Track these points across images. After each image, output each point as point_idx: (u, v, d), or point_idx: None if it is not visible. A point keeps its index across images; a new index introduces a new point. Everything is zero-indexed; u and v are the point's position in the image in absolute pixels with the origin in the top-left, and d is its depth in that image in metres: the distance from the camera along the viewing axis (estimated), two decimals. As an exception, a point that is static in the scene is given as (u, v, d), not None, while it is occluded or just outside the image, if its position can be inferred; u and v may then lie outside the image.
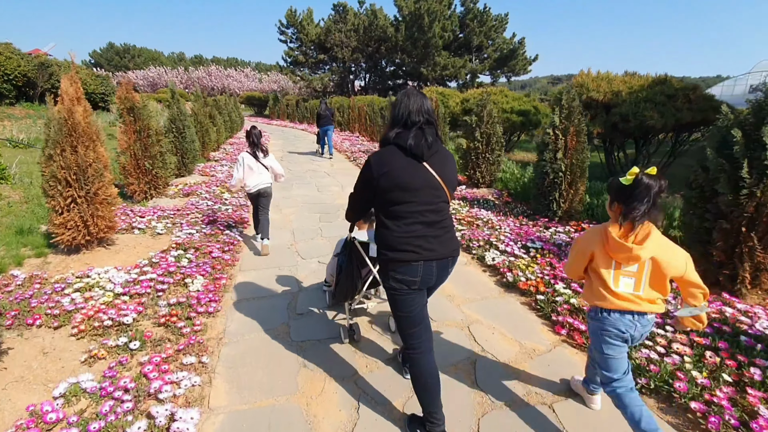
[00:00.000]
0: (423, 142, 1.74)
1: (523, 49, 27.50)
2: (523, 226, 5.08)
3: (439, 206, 1.81)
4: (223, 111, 13.77)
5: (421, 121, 1.77)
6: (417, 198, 1.75)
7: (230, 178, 5.60)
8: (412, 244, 1.76)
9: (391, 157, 1.76)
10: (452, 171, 1.86)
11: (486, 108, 7.01)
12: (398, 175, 1.72)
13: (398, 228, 1.77)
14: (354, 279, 2.52)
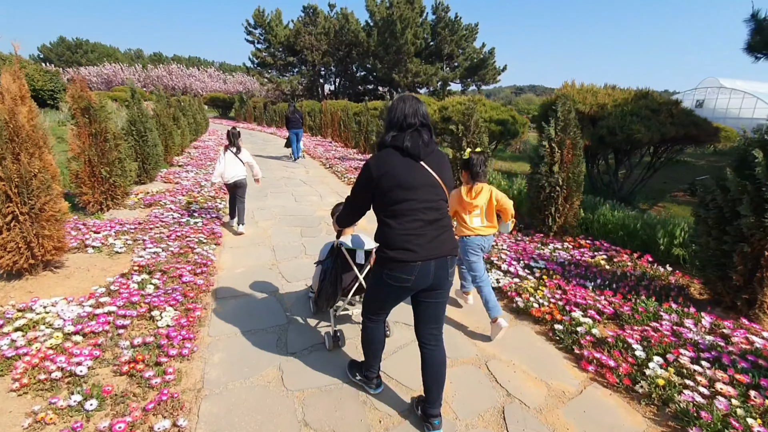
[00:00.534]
0: (420, 142, 1.83)
1: (494, 59, 28.08)
2: (520, 242, 4.87)
3: (438, 204, 1.87)
4: (188, 112, 12.93)
5: (417, 124, 1.85)
6: (417, 196, 1.81)
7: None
8: (412, 243, 1.80)
9: (389, 158, 1.83)
10: (448, 170, 1.95)
11: (473, 117, 6.81)
12: (397, 174, 1.79)
13: (399, 225, 1.81)
14: (337, 287, 2.55)
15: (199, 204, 6.15)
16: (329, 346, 2.71)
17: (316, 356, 2.68)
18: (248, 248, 4.65)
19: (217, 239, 4.78)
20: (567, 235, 5.10)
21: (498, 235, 5.02)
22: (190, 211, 5.75)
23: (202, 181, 7.82)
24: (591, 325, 2.93)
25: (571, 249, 4.60)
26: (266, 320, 3.10)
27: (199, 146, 13.63)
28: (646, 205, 7.59)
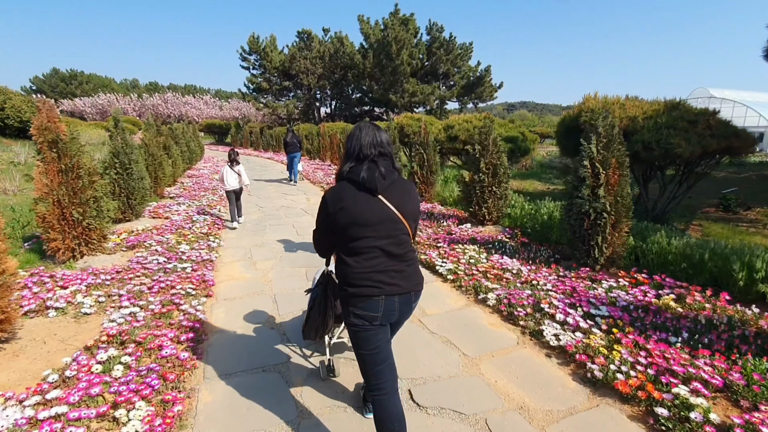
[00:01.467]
0: (376, 175, 1.72)
1: (490, 77, 28.01)
2: (565, 278, 4.15)
3: (399, 239, 1.77)
4: (181, 140, 12.34)
5: (374, 154, 1.76)
6: (375, 232, 1.72)
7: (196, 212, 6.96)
8: (373, 279, 1.72)
9: (345, 192, 1.74)
10: (412, 202, 1.83)
11: (490, 135, 6.21)
12: (353, 210, 1.71)
13: (357, 264, 1.73)
14: (326, 315, 2.39)
15: (187, 243, 5.43)
16: (323, 376, 2.64)
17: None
18: (246, 299, 3.91)
19: (208, 289, 4.04)
20: (614, 266, 4.40)
21: (536, 270, 4.35)
22: (178, 253, 5.03)
23: (194, 215, 7.12)
24: (706, 408, 2.19)
25: (628, 287, 3.89)
26: (271, 415, 2.34)
27: (193, 175, 13.00)
28: (682, 224, 6.92)
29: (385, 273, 1.74)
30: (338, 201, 1.73)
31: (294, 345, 3.09)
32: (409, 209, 1.79)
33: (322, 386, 2.57)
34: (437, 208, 7.89)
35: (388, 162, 1.80)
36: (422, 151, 8.23)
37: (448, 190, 8.62)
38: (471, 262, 4.64)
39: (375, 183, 1.71)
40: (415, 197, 1.86)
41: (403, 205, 1.77)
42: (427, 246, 5.39)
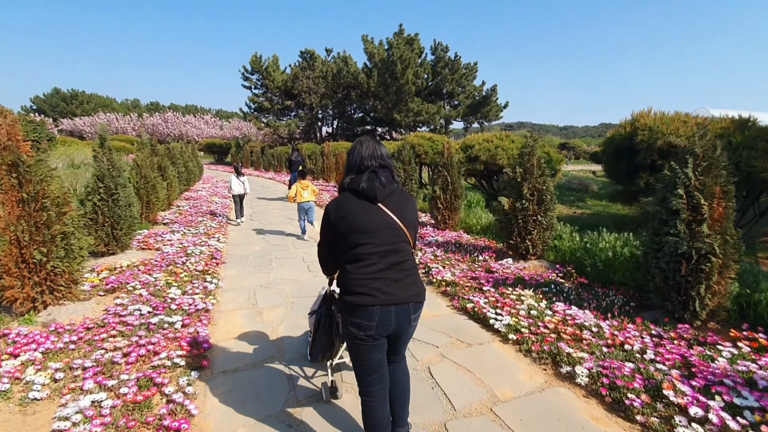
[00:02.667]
0: (376, 184, 1.78)
1: (496, 96, 27.60)
2: (661, 339, 3.23)
3: (399, 246, 1.80)
4: (178, 160, 11.54)
5: (374, 166, 1.83)
6: (374, 239, 1.75)
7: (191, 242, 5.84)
8: (369, 287, 1.74)
9: (346, 201, 1.80)
10: (411, 211, 1.88)
11: (534, 156, 5.38)
12: (354, 218, 1.75)
13: (356, 270, 1.76)
14: (332, 335, 2.38)
15: (179, 286, 4.49)
16: (326, 398, 2.55)
17: None
18: (250, 372, 2.96)
19: (201, 356, 3.09)
20: (714, 319, 3.49)
21: (620, 326, 3.41)
22: (167, 300, 4.09)
23: (189, 246, 6.21)
24: None
25: (753, 354, 2.96)
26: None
27: (190, 197, 12.13)
28: (750, 257, 6.03)
29: (382, 281, 1.75)
30: (339, 210, 1.78)
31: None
32: (408, 218, 1.84)
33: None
34: (464, 237, 7.00)
35: (387, 173, 1.86)
36: (445, 173, 7.41)
37: (474, 216, 7.75)
38: (532, 313, 3.72)
39: (375, 191, 1.77)
40: (414, 207, 1.91)
41: (403, 213, 1.82)
42: (469, 289, 4.48)
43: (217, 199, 11.93)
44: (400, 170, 9.49)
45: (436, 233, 7.20)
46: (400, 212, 1.81)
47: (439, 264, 5.35)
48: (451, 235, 7.11)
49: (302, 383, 2.80)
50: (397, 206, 1.82)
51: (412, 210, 1.88)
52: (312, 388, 2.73)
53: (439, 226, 7.58)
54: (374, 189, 1.77)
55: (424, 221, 8.37)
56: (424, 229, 7.52)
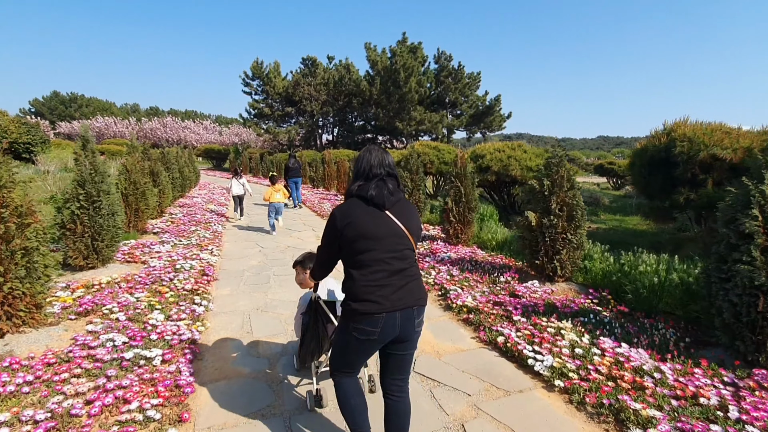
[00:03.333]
0: (384, 192, 1.82)
1: (500, 106, 27.32)
2: (739, 390, 2.67)
3: (404, 253, 1.83)
4: (172, 166, 10.99)
5: (382, 174, 1.87)
6: (380, 246, 1.78)
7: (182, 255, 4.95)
8: (376, 294, 1.75)
9: (354, 208, 1.82)
10: (415, 220, 1.93)
11: (562, 167, 4.87)
12: (361, 224, 1.77)
13: (362, 277, 1.78)
14: (320, 338, 2.41)
15: (163, 309, 3.92)
16: (310, 407, 2.50)
17: None
18: (242, 430, 2.38)
19: (183, 405, 2.51)
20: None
21: (685, 371, 2.83)
22: (147, 327, 3.51)
23: (179, 260, 5.64)
24: None
25: None
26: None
27: (185, 204, 11.56)
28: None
29: (388, 288, 1.77)
30: (347, 216, 1.80)
31: None
32: (413, 226, 1.90)
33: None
34: (478, 253, 6.45)
35: (394, 182, 1.90)
36: (458, 183, 6.88)
37: (488, 231, 7.22)
38: (577, 352, 3.16)
39: (383, 199, 1.82)
40: (417, 215, 1.96)
41: (408, 221, 1.88)
42: (496, 317, 3.92)
43: (213, 207, 11.37)
44: (407, 180, 8.98)
45: (448, 249, 6.65)
46: (406, 220, 1.86)
47: (457, 286, 4.80)
48: (465, 251, 6.57)
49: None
50: (403, 214, 1.87)
51: (416, 218, 1.95)
52: None
53: (451, 241, 7.03)
54: (383, 197, 1.82)
55: (432, 234, 7.83)
56: (435, 243, 6.98)
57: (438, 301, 4.59)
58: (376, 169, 1.86)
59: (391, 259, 1.79)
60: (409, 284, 1.83)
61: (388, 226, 1.81)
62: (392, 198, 1.84)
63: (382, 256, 1.78)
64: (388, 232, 1.80)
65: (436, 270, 5.46)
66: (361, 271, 1.78)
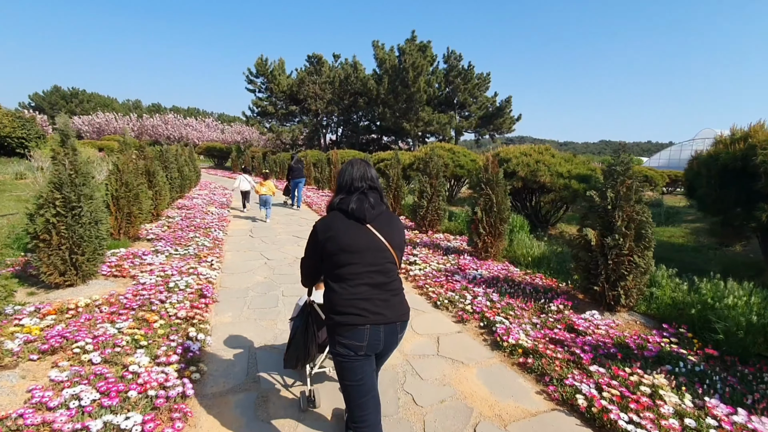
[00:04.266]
0: (366, 205, 1.83)
1: (510, 108, 26.55)
2: None
3: (385, 267, 1.82)
4: (171, 165, 10.24)
5: (364, 187, 1.89)
6: (362, 259, 1.77)
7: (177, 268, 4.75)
8: (358, 307, 1.74)
9: (335, 221, 1.83)
10: (398, 233, 1.91)
11: (628, 177, 4.11)
12: (342, 237, 1.78)
13: (343, 290, 1.76)
14: (308, 344, 2.37)
15: (149, 346, 3.16)
16: (303, 407, 2.53)
17: None
18: None
19: None
20: None
21: None
22: (128, 366, 2.76)
23: (174, 275, 4.89)
24: None
25: None
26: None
27: (183, 206, 10.81)
28: None
29: (370, 301, 1.75)
30: (328, 229, 1.81)
31: None
32: (395, 239, 1.88)
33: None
34: (513, 271, 5.70)
35: (376, 195, 1.91)
36: (489, 191, 6.13)
37: (521, 245, 6.45)
38: (689, 425, 2.40)
39: (364, 212, 1.81)
40: (401, 229, 1.95)
41: (390, 234, 1.85)
42: (561, 363, 3.15)
43: (214, 209, 10.61)
44: (426, 185, 8.23)
45: (477, 264, 5.89)
46: (388, 234, 1.85)
47: (501, 315, 4.04)
48: (496, 267, 5.81)
49: None
50: (384, 228, 1.85)
51: (399, 231, 1.93)
52: None
53: (479, 255, 6.28)
54: (363, 210, 1.81)
55: (456, 246, 7.08)
56: (461, 258, 6.22)
57: (482, 336, 3.83)
58: (357, 183, 1.88)
59: (373, 273, 1.78)
60: (392, 299, 1.81)
61: (369, 240, 1.80)
62: (373, 211, 1.84)
63: (363, 270, 1.77)
64: (369, 245, 1.80)
65: (471, 293, 4.70)
66: (341, 285, 1.77)
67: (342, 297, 1.75)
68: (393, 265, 1.86)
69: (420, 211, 8.20)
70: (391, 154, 17.10)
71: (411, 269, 5.65)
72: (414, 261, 6.01)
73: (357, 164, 1.94)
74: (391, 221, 1.91)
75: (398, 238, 1.89)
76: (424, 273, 5.50)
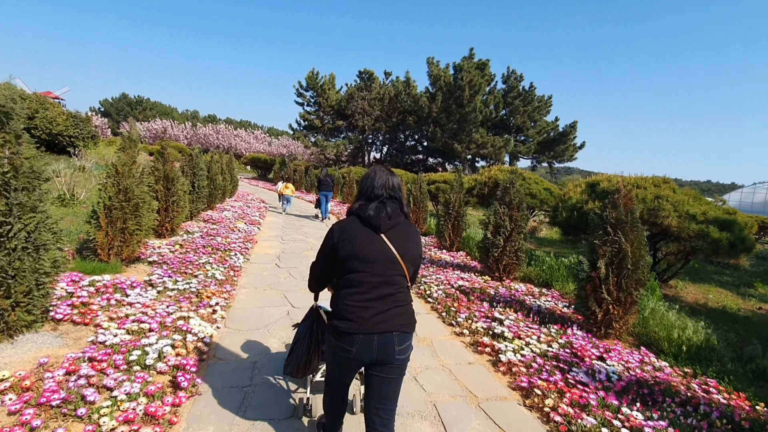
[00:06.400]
0: (383, 214, 1.81)
1: (575, 134, 24.08)
2: None
3: (393, 279, 1.81)
4: (200, 172, 8.98)
5: (384, 196, 1.87)
6: (370, 268, 1.77)
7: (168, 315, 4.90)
8: (356, 315, 1.76)
9: (350, 226, 1.83)
10: (412, 246, 1.88)
11: None
12: (355, 243, 1.78)
13: (347, 296, 1.79)
14: (310, 351, 2.29)
15: None
16: (298, 414, 2.51)
17: None
18: None
19: None
20: None
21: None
22: None
23: (153, 330, 3.30)
24: None
25: None
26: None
27: (210, 218, 9.51)
28: None
29: (369, 310, 1.76)
30: (343, 232, 1.81)
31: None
32: (409, 253, 1.84)
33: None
34: (664, 370, 3.63)
35: (396, 205, 1.88)
36: (620, 237, 4.12)
37: (659, 318, 4.35)
38: None
39: (380, 221, 1.80)
40: (418, 242, 1.92)
41: (404, 247, 1.83)
42: None
43: (242, 225, 9.21)
44: (503, 218, 6.30)
45: (599, 346, 3.87)
46: (401, 246, 1.82)
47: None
48: (633, 358, 3.76)
49: None
50: (399, 239, 1.83)
51: (414, 245, 1.89)
52: None
53: (597, 331, 4.24)
54: (379, 219, 1.80)
55: (547, 306, 5.06)
56: (571, 332, 4.21)
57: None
58: (378, 190, 1.86)
59: (379, 284, 1.77)
60: (393, 310, 1.80)
61: (381, 250, 1.78)
62: (389, 222, 1.82)
63: (370, 280, 1.77)
64: (380, 256, 1.78)
65: (622, 420, 2.71)
66: (347, 290, 1.79)
67: (344, 302, 1.78)
68: (401, 278, 1.83)
69: (494, 252, 6.25)
70: (447, 176, 15.27)
71: (501, 349, 3.71)
72: (501, 333, 4.07)
73: (380, 171, 1.92)
74: (407, 233, 1.87)
75: (412, 252, 1.86)
76: (524, 360, 3.56)
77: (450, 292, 5.39)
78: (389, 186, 1.87)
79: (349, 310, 1.75)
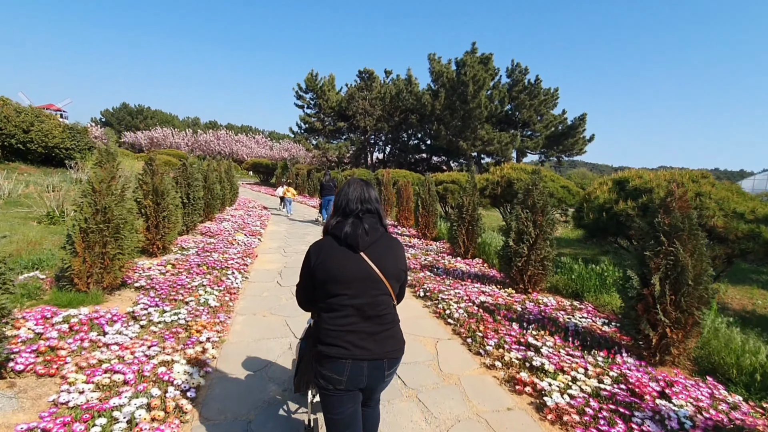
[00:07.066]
0: (359, 231, 1.70)
1: (584, 127, 23.36)
2: None
3: (377, 299, 1.70)
4: (195, 183, 8.44)
5: (359, 209, 1.75)
6: (351, 290, 1.67)
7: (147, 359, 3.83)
8: (343, 339, 1.66)
9: (326, 247, 1.72)
10: (395, 261, 1.75)
11: None
12: (332, 266, 1.68)
13: (330, 321, 1.68)
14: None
15: None
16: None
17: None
18: None
19: None
20: None
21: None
22: None
23: (128, 383, 2.74)
24: None
25: None
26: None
27: (208, 231, 8.97)
28: None
29: (356, 334, 1.66)
30: (319, 255, 1.70)
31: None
32: (392, 269, 1.73)
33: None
34: (742, 411, 3.02)
35: (374, 219, 1.77)
36: (674, 247, 3.50)
37: (723, 341, 3.73)
38: None
39: (357, 240, 1.68)
40: (401, 256, 1.79)
41: (385, 263, 1.71)
42: None
43: (242, 238, 8.67)
44: (527, 223, 5.69)
45: (657, 381, 3.26)
46: (383, 263, 1.70)
47: None
48: (699, 394, 3.15)
49: None
50: (379, 256, 1.71)
51: (397, 259, 1.76)
52: None
53: (650, 357, 3.63)
54: (356, 237, 1.68)
55: (584, 325, 4.45)
56: (621, 360, 3.60)
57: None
58: (353, 204, 1.74)
59: (362, 306, 1.66)
60: (381, 333, 1.69)
61: (361, 270, 1.67)
62: (367, 238, 1.69)
63: (352, 302, 1.65)
64: (360, 275, 1.66)
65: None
66: (329, 315, 1.68)
67: (327, 327, 1.67)
68: (386, 297, 1.72)
69: (517, 261, 5.64)
70: (454, 175, 14.64)
71: (545, 388, 3.10)
72: (541, 366, 3.46)
73: (354, 184, 1.80)
74: (389, 248, 1.74)
75: (395, 268, 1.73)
76: (574, 403, 2.95)
77: (472, 310, 4.79)
78: (364, 199, 1.75)
79: (335, 335, 1.65)
